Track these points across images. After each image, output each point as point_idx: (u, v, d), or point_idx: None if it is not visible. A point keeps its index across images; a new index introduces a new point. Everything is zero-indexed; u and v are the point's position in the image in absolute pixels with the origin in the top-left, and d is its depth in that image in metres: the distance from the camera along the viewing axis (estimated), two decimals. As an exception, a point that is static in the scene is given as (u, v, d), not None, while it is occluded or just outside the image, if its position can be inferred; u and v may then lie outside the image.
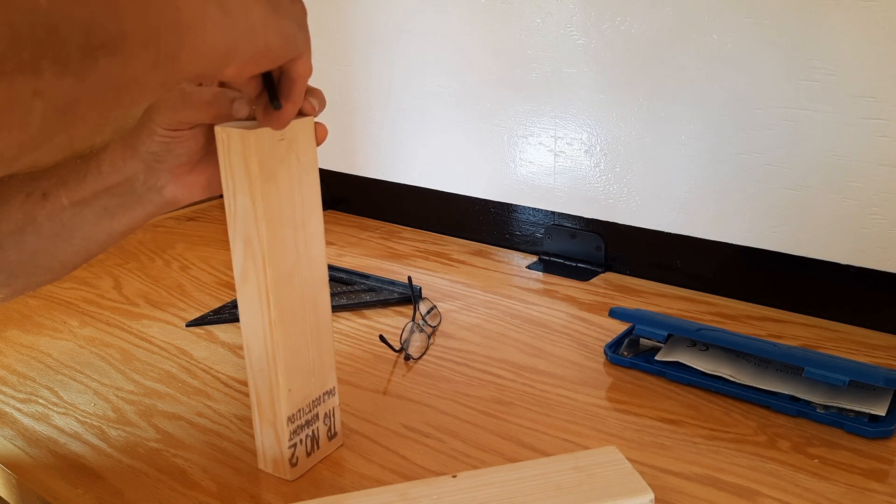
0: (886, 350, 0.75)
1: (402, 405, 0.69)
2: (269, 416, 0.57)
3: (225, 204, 0.53)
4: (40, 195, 0.55)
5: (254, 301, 0.54)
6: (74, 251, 0.59)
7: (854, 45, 0.72)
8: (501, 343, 0.79)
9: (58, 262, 0.60)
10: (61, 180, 0.55)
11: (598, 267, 0.97)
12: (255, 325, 0.55)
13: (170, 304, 0.91)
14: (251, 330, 0.55)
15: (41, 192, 0.55)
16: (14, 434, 0.67)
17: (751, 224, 0.84)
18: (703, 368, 0.69)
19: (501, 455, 0.61)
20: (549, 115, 0.95)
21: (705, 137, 0.84)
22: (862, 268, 0.78)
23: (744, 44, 0.78)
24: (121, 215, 0.58)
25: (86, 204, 0.56)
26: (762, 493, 0.56)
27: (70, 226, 0.56)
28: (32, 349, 0.81)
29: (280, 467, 0.59)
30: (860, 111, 0.74)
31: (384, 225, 1.17)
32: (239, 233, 0.53)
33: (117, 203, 0.56)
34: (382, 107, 1.11)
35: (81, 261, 0.61)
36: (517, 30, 0.93)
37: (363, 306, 0.88)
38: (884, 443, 0.61)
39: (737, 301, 0.87)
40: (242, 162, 0.51)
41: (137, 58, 0.34)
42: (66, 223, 0.56)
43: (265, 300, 0.53)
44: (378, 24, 1.07)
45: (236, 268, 0.54)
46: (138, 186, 0.56)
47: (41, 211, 0.55)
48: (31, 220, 0.55)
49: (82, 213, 0.56)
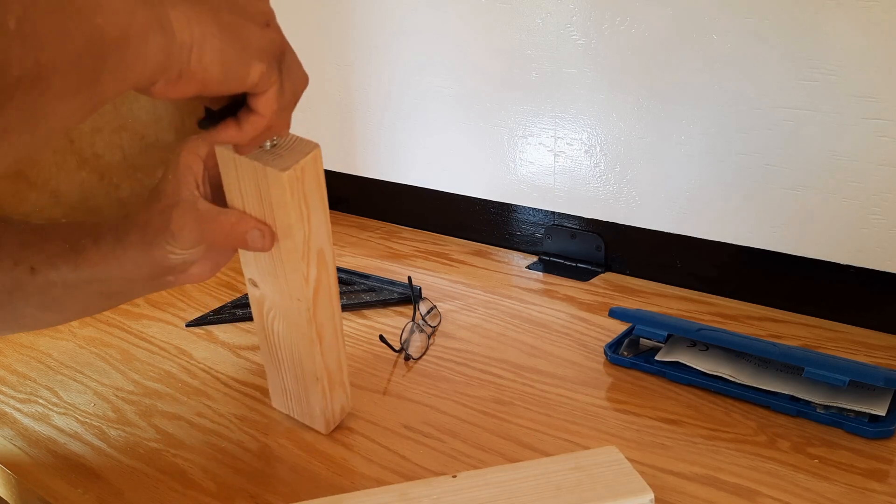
0: (886, 350, 0.75)
1: (402, 405, 0.69)
2: (340, 379, 0.63)
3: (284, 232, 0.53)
4: (28, 268, 0.51)
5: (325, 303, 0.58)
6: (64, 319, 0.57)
7: (854, 45, 0.72)
8: (501, 343, 0.79)
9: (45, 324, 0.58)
10: (50, 262, 0.51)
11: (598, 267, 0.97)
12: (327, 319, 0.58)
13: (170, 304, 0.91)
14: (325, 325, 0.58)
15: (29, 265, 0.51)
16: (14, 434, 0.67)
17: (751, 224, 0.84)
18: (703, 368, 0.69)
19: (501, 455, 0.61)
20: (549, 115, 0.95)
21: (705, 137, 0.84)
22: (862, 268, 0.78)
23: (744, 44, 0.78)
24: (118, 298, 0.56)
25: (78, 287, 0.52)
26: (762, 493, 0.56)
27: (61, 301, 0.53)
28: (32, 349, 0.81)
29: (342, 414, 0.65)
30: (860, 111, 0.74)
31: (384, 225, 1.17)
32: (313, 250, 0.55)
33: (115, 291, 0.54)
34: (382, 107, 1.11)
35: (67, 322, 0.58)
36: (517, 30, 0.93)
37: (363, 306, 0.88)
38: (884, 443, 0.61)
39: (737, 301, 0.87)
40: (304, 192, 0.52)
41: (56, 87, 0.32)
42: (56, 298, 0.53)
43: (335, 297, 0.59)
44: (378, 24, 1.07)
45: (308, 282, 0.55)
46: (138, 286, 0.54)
47: (30, 283, 0.52)
48: (18, 287, 0.52)
49: (74, 294, 0.53)
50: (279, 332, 0.60)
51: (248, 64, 0.41)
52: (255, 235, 0.51)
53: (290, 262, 0.54)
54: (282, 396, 0.66)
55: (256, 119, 0.44)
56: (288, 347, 0.60)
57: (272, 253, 0.54)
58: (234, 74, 0.40)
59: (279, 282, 0.56)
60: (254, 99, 0.43)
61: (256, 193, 0.52)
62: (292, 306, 0.57)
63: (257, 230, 0.51)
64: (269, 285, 0.57)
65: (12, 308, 0.53)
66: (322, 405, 0.63)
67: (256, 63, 0.41)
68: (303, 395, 0.63)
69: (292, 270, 0.55)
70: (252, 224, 0.51)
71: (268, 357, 0.63)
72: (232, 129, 0.45)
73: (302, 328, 0.58)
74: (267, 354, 0.63)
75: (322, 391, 0.62)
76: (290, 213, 0.51)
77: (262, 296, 0.59)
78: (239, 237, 0.51)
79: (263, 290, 0.58)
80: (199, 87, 0.39)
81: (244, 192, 0.52)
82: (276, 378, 0.65)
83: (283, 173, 0.49)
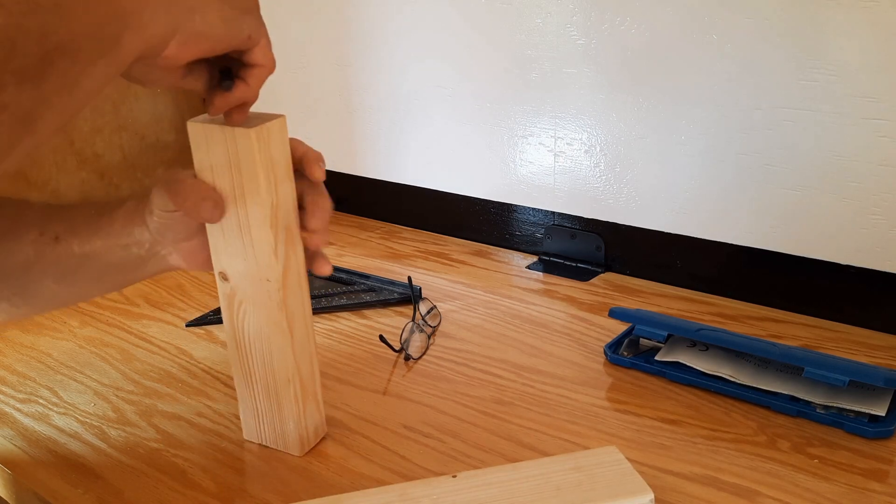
0: (886, 350, 0.75)
1: (402, 405, 0.69)
2: (312, 390, 0.62)
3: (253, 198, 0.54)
4: (52, 237, 0.57)
5: (295, 289, 0.58)
6: (76, 294, 0.62)
7: (854, 45, 0.72)
8: (501, 343, 0.79)
9: (57, 300, 0.63)
10: (73, 229, 0.57)
11: (598, 267, 0.97)
12: (297, 308, 0.59)
13: (170, 304, 0.91)
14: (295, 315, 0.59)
15: (53, 234, 0.57)
16: (14, 434, 0.67)
17: (751, 224, 0.84)
18: (703, 368, 0.69)
19: (501, 455, 0.61)
20: (549, 115, 0.95)
21: (705, 137, 0.84)
22: (862, 268, 0.78)
23: (744, 44, 0.78)
24: (127, 272, 0.59)
25: (94, 256, 0.57)
26: (762, 493, 0.56)
27: (76, 273, 0.58)
28: (32, 349, 0.81)
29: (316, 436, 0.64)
30: (860, 111, 0.74)
31: (384, 225, 1.17)
32: (281, 223, 0.55)
33: (124, 260, 0.58)
34: (382, 107, 1.11)
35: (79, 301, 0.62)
36: (517, 30, 0.93)
37: (363, 306, 0.88)
38: (884, 443, 0.61)
39: (737, 301, 0.87)
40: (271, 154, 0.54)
41: (85, 52, 0.36)
42: (72, 269, 0.58)
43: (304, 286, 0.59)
44: (377, 24, 1.07)
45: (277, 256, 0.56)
46: (145, 251, 0.58)
47: (51, 253, 0.57)
48: (39, 259, 0.57)
49: (89, 263, 0.58)
50: (249, 328, 0.59)
51: (241, 20, 0.46)
52: (207, 204, 0.54)
53: (259, 234, 0.55)
54: (253, 420, 0.63)
55: (260, 71, 0.49)
56: (258, 347, 0.59)
57: (242, 228, 0.55)
58: (234, 31, 0.46)
59: (248, 264, 0.56)
60: (250, 54, 0.48)
61: (226, 160, 0.53)
62: (262, 290, 0.57)
63: (210, 199, 0.54)
64: (239, 270, 0.57)
65: (30, 281, 0.58)
66: (295, 416, 0.61)
67: (248, 18, 0.47)
68: (275, 409, 0.61)
69: (261, 242, 0.55)
70: (206, 192, 0.54)
71: (238, 368, 0.61)
72: (242, 86, 0.50)
73: (273, 316, 0.57)
74: (237, 365, 0.61)
75: (294, 397, 0.60)
76: (258, 174, 0.53)
77: (233, 289, 0.58)
78: (194, 203, 0.54)
79: (233, 281, 0.58)
80: (209, 45, 0.45)
81: (214, 163, 0.54)
82: (247, 394, 0.62)
83: (250, 130, 0.52)
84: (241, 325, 0.59)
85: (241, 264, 0.57)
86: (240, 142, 0.52)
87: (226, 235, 0.56)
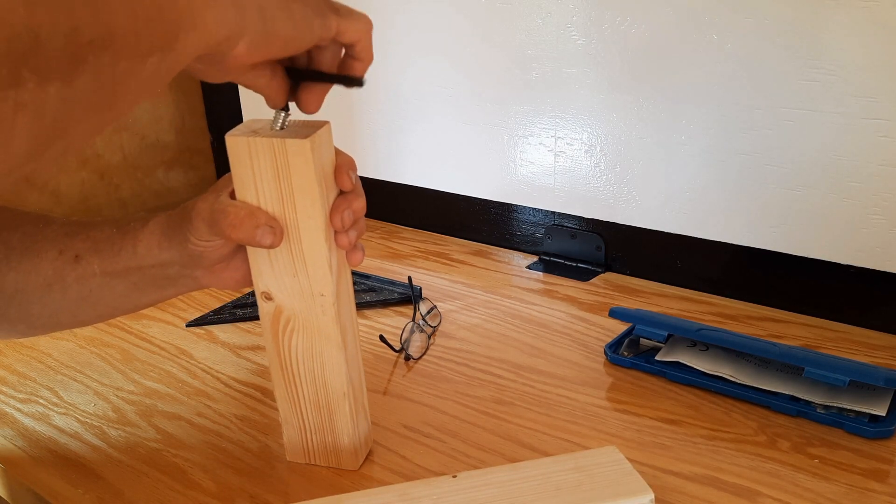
0: (887, 350, 0.75)
1: (402, 405, 0.69)
2: (362, 401, 0.61)
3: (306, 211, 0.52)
4: (73, 256, 0.54)
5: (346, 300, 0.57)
6: (96, 315, 0.59)
7: (854, 45, 0.72)
8: (501, 343, 0.79)
9: (77, 321, 0.60)
10: (95, 248, 0.55)
11: (599, 267, 0.97)
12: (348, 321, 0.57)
13: (170, 304, 0.91)
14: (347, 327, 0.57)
15: (74, 253, 0.54)
16: (14, 434, 0.67)
17: (751, 224, 0.84)
18: (703, 368, 0.69)
19: (501, 455, 0.61)
20: (549, 115, 0.95)
21: (706, 137, 0.84)
22: (862, 268, 0.78)
23: (744, 44, 0.78)
24: (151, 293, 0.57)
25: (116, 276, 0.55)
26: (762, 493, 0.56)
27: (97, 293, 0.56)
28: (32, 349, 0.81)
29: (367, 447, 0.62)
30: (860, 111, 0.74)
31: (384, 225, 1.17)
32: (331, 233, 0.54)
33: (149, 282, 0.56)
34: (382, 107, 1.11)
35: (99, 321, 0.60)
36: (517, 30, 0.93)
37: (363, 306, 0.88)
38: (884, 443, 0.61)
39: (737, 301, 0.87)
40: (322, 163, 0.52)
41: (129, 49, 0.33)
42: (93, 290, 0.55)
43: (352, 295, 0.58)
44: (377, 24, 1.07)
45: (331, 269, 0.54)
46: (173, 273, 0.55)
47: (71, 273, 0.55)
48: (59, 279, 0.55)
49: (111, 284, 0.55)
50: (297, 348, 0.57)
51: (312, 21, 0.45)
52: (264, 231, 0.51)
53: (312, 248, 0.52)
54: (299, 439, 0.60)
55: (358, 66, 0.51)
56: (309, 365, 0.57)
57: (292, 243, 0.52)
58: (305, 31, 0.45)
59: (298, 280, 0.54)
60: (319, 53, 0.48)
61: (274, 174, 0.50)
62: (314, 306, 0.54)
63: (268, 226, 0.51)
64: (287, 289, 0.54)
65: (51, 302, 0.55)
66: (349, 430, 0.59)
67: (318, 20, 0.45)
68: (326, 424, 0.59)
69: (315, 257, 0.53)
70: (263, 219, 0.51)
71: (283, 389, 0.59)
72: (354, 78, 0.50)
73: (326, 331, 0.55)
74: (282, 385, 0.58)
75: (349, 411, 0.58)
76: (313, 185, 0.50)
77: (279, 308, 0.55)
78: (248, 232, 0.51)
79: (279, 300, 0.55)
80: (281, 45, 0.44)
81: (259, 178, 0.51)
82: (292, 416, 0.59)
83: (305, 140, 0.49)
84: (288, 344, 0.56)
85: (289, 281, 0.54)
86: (291, 152, 0.49)
87: (272, 253, 0.53)
